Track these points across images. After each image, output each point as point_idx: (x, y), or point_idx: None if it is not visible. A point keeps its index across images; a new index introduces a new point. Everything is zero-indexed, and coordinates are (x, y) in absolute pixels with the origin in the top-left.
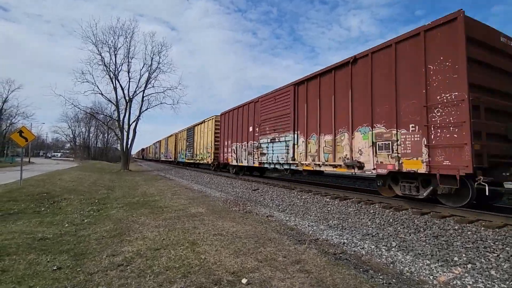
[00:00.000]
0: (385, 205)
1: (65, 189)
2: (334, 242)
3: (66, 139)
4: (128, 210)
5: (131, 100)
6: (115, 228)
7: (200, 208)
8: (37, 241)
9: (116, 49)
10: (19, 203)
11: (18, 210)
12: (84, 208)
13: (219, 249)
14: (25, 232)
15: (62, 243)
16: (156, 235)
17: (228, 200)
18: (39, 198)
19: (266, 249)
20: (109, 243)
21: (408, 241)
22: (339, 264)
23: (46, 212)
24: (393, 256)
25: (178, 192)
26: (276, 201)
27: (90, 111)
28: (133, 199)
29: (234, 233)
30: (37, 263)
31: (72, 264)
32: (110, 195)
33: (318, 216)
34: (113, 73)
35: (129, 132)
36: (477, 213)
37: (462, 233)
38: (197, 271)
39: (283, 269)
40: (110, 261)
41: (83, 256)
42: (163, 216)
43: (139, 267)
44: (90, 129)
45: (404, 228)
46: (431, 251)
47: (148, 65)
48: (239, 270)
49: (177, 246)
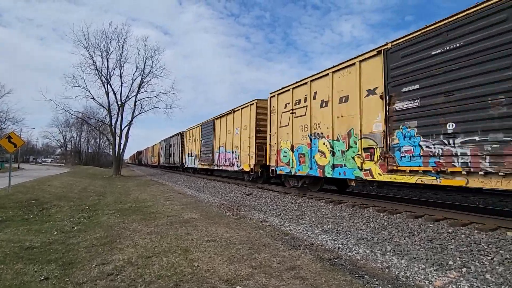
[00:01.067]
0: (379, 208)
1: (55, 196)
2: (329, 247)
3: (57, 144)
4: (119, 216)
5: (124, 104)
6: (105, 236)
7: (193, 213)
8: (24, 250)
9: (108, 54)
10: (7, 210)
11: (5, 217)
12: (74, 215)
13: (212, 256)
14: (12, 241)
15: (51, 251)
16: (148, 242)
17: (222, 205)
18: (28, 205)
19: (260, 255)
20: (99, 251)
21: (402, 245)
22: (334, 270)
23: (35, 220)
24: (388, 260)
25: (171, 198)
26: (270, 206)
27: (81, 115)
28: (124, 205)
29: (227, 239)
30: (24, 273)
31: (60, 274)
32: (101, 201)
33: (312, 220)
34: (105, 77)
35: (121, 137)
36: (470, 216)
37: (455, 236)
38: (189, 279)
39: (277, 275)
40: (100, 270)
41: (72, 265)
42: (155, 223)
43: (129, 276)
44: (82, 134)
45: (399, 232)
46: (426, 255)
47: (141, 70)
48: (233, 278)
49: (169, 253)
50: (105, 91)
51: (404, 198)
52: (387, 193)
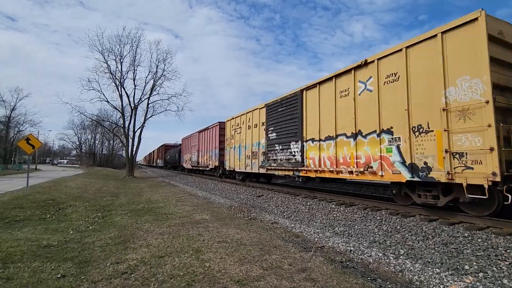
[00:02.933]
0: (392, 211)
1: (70, 196)
2: (340, 249)
3: (72, 146)
4: (132, 217)
5: (137, 107)
6: (119, 235)
7: (204, 214)
8: (42, 248)
9: (122, 57)
10: (25, 210)
11: (24, 217)
12: (89, 215)
13: (223, 256)
14: (30, 239)
15: (67, 250)
16: (160, 242)
17: (233, 206)
18: (45, 205)
19: (271, 256)
20: (114, 250)
21: (416, 249)
22: (346, 273)
23: (52, 219)
24: (402, 264)
25: (182, 199)
26: (280, 208)
27: (96, 118)
28: (137, 206)
29: (238, 240)
30: (42, 271)
31: (76, 272)
32: (115, 202)
33: (323, 222)
34: (119, 80)
35: (134, 139)
36: (487, 220)
37: (472, 241)
38: (201, 279)
39: (288, 277)
40: (114, 269)
41: (87, 264)
42: (167, 223)
43: (143, 275)
44: (96, 136)
45: (412, 235)
46: (441, 259)
47: (153, 73)
48: (244, 279)
49: (181, 253)
50: (119, 94)
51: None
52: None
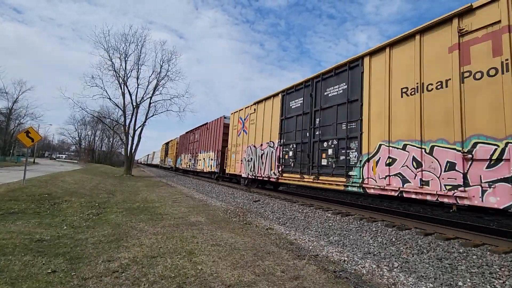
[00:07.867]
0: (388, 223)
1: (66, 191)
2: (334, 259)
3: (72, 141)
4: (127, 215)
5: (138, 106)
6: (113, 233)
7: (199, 217)
8: (34, 242)
9: (127, 56)
10: (20, 203)
11: (18, 210)
12: (84, 211)
13: (216, 260)
14: (23, 233)
15: (59, 245)
16: (153, 242)
17: (229, 210)
18: (40, 199)
19: (264, 262)
20: (106, 248)
21: (410, 262)
22: (338, 283)
23: (46, 213)
24: (395, 277)
25: (178, 200)
26: (276, 214)
27: (97, 114)
28: (133, 205)
29: (232, 244)
30: (32, 265)
31: (67, 268)
32: (111, 199)
33: (318, 231)
34: (122, 78)
35: (134, 137)
36: (483, 237)
37: (467, 257)
38: (192, 281)
39: (281, 284)
40: (106, 266)
41: (79, 260)
42: (162, 223)
43: (134, 275)
44: (96, 132)
45: (407, 249)
46: (435, 274)
47: (157, 73)
48: (236, 284)
49: (174, 254)
50: (122, 92)
51: (414, 214)
52: (397, 208)
